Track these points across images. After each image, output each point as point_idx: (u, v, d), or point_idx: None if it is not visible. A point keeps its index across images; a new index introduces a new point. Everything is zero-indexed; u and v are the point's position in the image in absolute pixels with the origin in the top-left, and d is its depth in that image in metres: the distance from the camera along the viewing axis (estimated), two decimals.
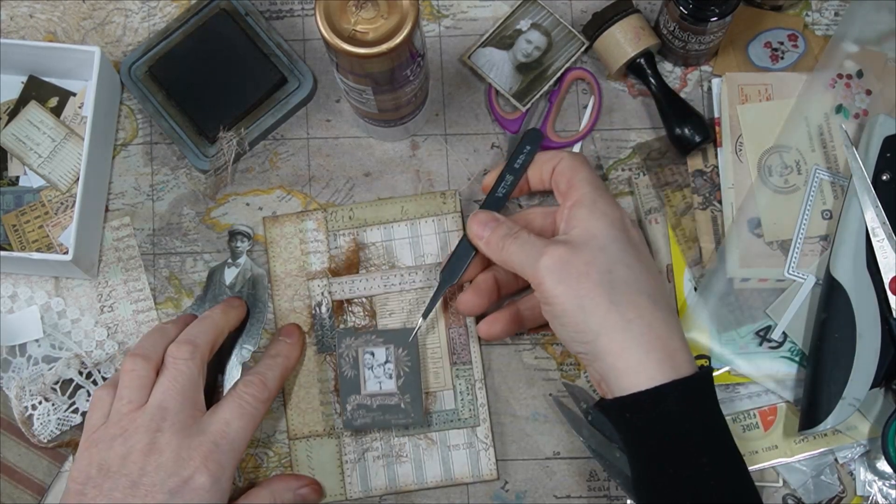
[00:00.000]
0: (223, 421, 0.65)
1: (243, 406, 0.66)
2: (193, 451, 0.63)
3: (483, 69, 0.78)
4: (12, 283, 0.77)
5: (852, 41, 0.77)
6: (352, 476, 0.74)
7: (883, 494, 0.73)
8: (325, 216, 0.77)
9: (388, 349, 0.74)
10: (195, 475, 0.62)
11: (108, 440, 0.63)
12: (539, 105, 0.78)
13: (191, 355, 0.66)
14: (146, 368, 0.66)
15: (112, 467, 0.62)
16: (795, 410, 0.73)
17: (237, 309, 0.73)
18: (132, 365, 0.66)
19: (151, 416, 0.63)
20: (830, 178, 0.75)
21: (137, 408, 0.64)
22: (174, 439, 0.63)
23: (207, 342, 0.68)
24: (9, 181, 0.77)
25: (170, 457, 0.62)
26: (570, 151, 0.68)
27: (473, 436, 0.74)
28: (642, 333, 0.60)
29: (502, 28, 0.78)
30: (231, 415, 0.65)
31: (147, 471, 0.62)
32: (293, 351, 0.73)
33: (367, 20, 0.62)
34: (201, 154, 0.77)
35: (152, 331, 0.70)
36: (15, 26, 0.81)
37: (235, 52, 0.77)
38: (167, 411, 0.64)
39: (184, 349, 0.66)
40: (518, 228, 0.66)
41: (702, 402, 0.62)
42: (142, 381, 0.65)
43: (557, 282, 0.62)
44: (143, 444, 0.62)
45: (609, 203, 0.65)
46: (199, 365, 0.66)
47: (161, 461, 0.62)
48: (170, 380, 0.65)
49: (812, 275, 0.74)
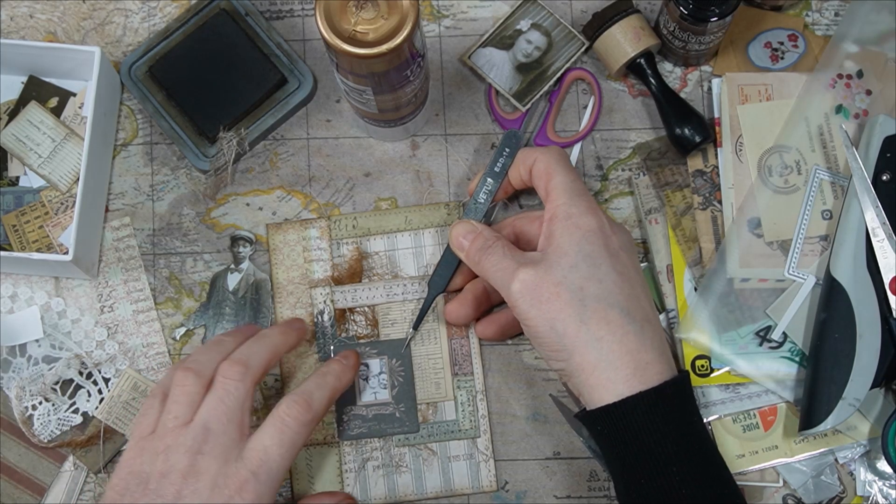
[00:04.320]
0: (262, 448, 0.63)
1: (284, 431, 0.63)
2: (230, 478, 0.61)
3: (483, 69, 0.78)
4: (12, 283, 0.77)
5: (852, 41, 0.77)
6: (351, 485, 0.74)
7: (883, 494, 0.73)
8: (329, 224, 0.77)
9: (382, 360, 0.74)
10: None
11: (153, 454, 0.62)
12: (539, 105, 0.78)
13: (241, 376, 0.64)
14: (196, 384, 0.64)
15: (150, 484, 0.61)
16: (795, 410, 0.73)
17: (297, 331, 0.71)
18: (183, 380, 0.64)
19: (194, 436, 0.62)
20: (830, 178, 0.75)
21: (183, 424, 0.63)
22: (213, 464, 0.61)
23: (261, 364, 0.66)
24: (9, 181, 0.77)
25: (206, 483, 0.61)
26: (545, 149, 0.67)
27: (474, 447, 0.74)
28: (612, 350, 0.61)
29: (502, 28, 0.78)
30: (271, 441, 0.63)
31: (183, 495, 0.61)
32: (346, 373, 0.70)
33: (367, 20, 0.62)
34: (201, 154, 0.77)
35: (209, 343, 0.68)
36: (15, 26, 0.81)
37: (235, 52, 0.77)
38: (210, 433, 0.62)
39: (235, 369, 0.64)
40: (493, 241, 0.65)
41: (671, 410, 0.61)
42: (190, 398, 0.64)
43: (529, 305, 0.62)
44: (182, 466, 0.61)
45: (584, 212, 0.63)
46: (250, 387, 0.64)
47: (197, 487, 0.61)
48: (217, 400, 0.63)
49: (812, 275, 0.74)
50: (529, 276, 0.62)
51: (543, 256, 0.63)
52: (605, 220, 0.64)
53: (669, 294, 0.75)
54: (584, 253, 0.62)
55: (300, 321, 0.73)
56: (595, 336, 0.61)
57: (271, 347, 0.67)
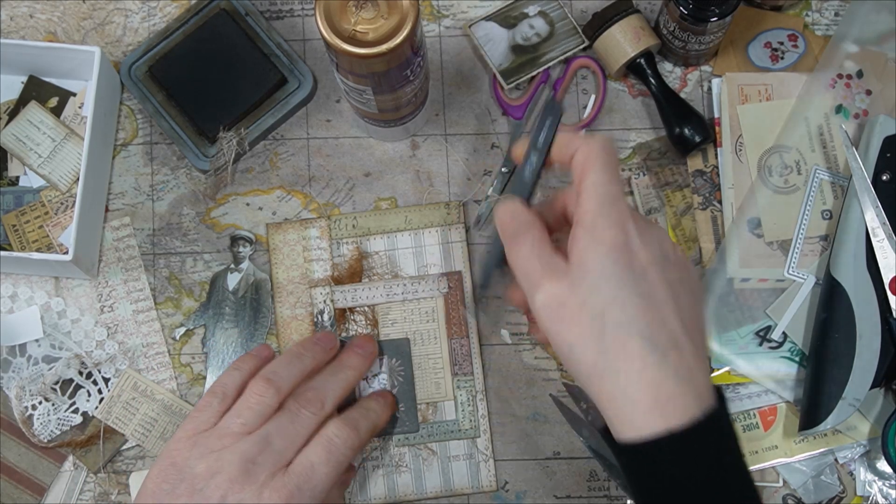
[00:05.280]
0: (309, 464, 0.63)
1: (332, 451, 0.64)
2: (276, 491, 0.61)
3: (480, 41, 0.78)
4: (12, 283, 0.77)
5: (852, 41, 0.77)
6: (351, 485, 0.74)
7: (883, 494, 0.73)
8: (329, 224, 0.77)
9: (382, 359, 0.74)
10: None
11: (205, 450, 0.62)
12: (544, 93, 0.79)
13: (317, 412, 0.65)
14: (274, 399, 0.64)
15: (197, 483, 0.61)
16: (795, 410, 0.73)
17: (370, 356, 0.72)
18: (263, 390, 0.65)
19: (254, 444, 0.62)
20: (830, 178, 0.75)
21: (248, 432, 0.63)
22: (263, 475, 0.62)
23: (335, 400, 0.67)
24: (9, 181, 0.77)
25: (252, 494, 0.61)
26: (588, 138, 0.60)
27: (474, 447, 0.74)
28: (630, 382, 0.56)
29: (510, 7, 0.78)
30: (318, 458, 0.63)
31: (228, 499, 0.61)
32: (385, 411, 0.71)
33: (367, 20, 0.62)
34: (201, 154, 0.77)
35: (291, 358, 0.68)
36: (15, 26, 0.81)
37: (235, 52, 0.77)
38: (270, 447, 0.63)
39: (314, 399, 0.65)
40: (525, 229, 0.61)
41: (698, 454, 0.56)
42: (264, 410, 0.64)
43: (550, 322, 0.58)
44: (234, 470, 0.61)
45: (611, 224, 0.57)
46: (324, 417, 0.65)
47: (244, 496, 0.61)
48: (287, 421, 0.64)
49: (812, 275, 0.74)
50: (554, 291, 0.58)
51: (568, 270, 0.58)
52: (634, 232, 0.57)
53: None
54: (607, 273, 0.57)
55: (371, 342, 0.73)
56: (613, 367, 0.56)
57: (347, 383, 0.69)
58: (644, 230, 0.58)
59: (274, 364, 0.67)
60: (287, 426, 0.64)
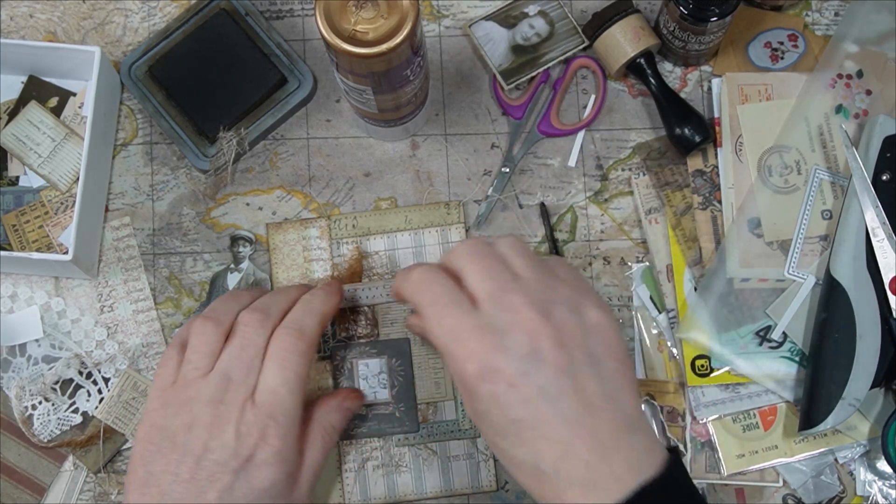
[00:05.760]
0: (270, 390, 0.62)
1: (285, 366, 0.63)
2: (252, 426, 0.61)
3: (480, 40, 0.78)
4: (12, 283, 0.77)
5: (852, 41, 0.77)
6: (351, 485, 0.74)
7: (883, 494, 0.73)
8: (329, 224, 0.77)
9: (382, 360, 0.74)
10: (256, 452, 0.61)
11: (176, 406, 0.62)
12: (543, 93, 0.79)
13: (260, 324, 0.64)
14: (216, 333, 0.64)
15: (177, 438, 0.61)
16: (795, 410, 0.73)
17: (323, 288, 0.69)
18: (202, 328, 0.64)
19: (215, 385, 0.62)
20: (830, 178, 0.75)
21: (203, 374, 0.63)
22: (235, 413, 0.61)
23: (280, 311, 0.65)
24: (9, 181, 0.77)
25: (231, 434, 0.61)
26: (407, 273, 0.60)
27: (474, 447, 0.74)
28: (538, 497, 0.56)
29: (510, 7, 0.78)
30: (275, 380, 0.62)
31: (211, 447, 0.61)
32: (331, 297, 0.68)
33: (367, 20, 0.62)
34: (201, 154, 0.77)
35: (226, 295, 0.68)
36: (15, 26, 0.81)
37: (235, 52, 0.77)
38: (230, 382, 0.62)
39: (256, 316, 0.64)
40: None
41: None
42: (210, 347, 0.63)
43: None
44: (206, 417, 0.61)
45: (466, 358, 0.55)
46: (269, 334, 0.64)
47: (224, 439, 0.61)
48: (237, 348, 0.63)
49: (812, 275, 0.74)
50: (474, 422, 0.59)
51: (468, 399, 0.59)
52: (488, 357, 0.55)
53: (669, 294, 0.75)
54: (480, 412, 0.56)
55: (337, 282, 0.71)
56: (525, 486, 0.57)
57: (289, 298, 0.67)
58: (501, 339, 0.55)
59: (212, 304, 0.67)
60: (238, 353, 0.63)
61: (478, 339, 0.55)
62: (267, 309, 0.65)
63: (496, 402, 0.54)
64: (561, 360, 0.54)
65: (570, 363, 0.54)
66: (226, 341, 0.64)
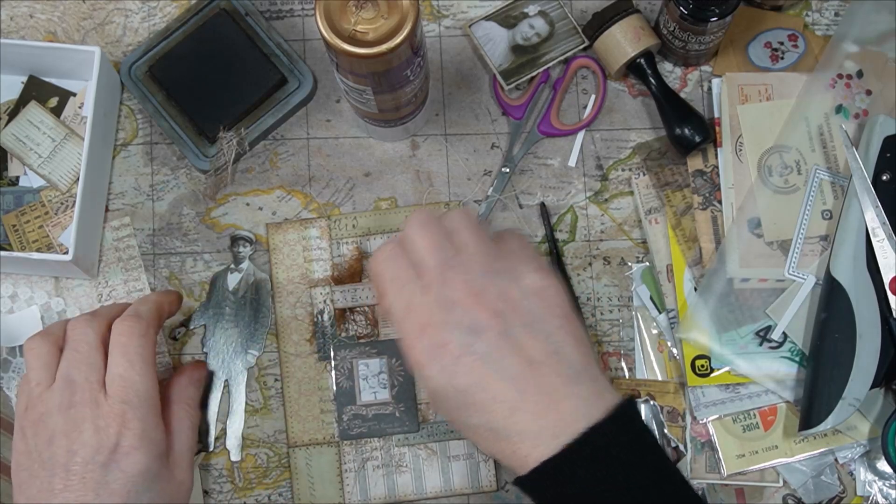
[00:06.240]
0: (118, 376, 0.63)
1: (127, 351, 0.64)
2: (109, 417, 0.62)
3: (480, 41, 0.78)
4: (12, 283, 0.77)
5: (852, 41, 0.77)
6: (351, 485, 0.74)
7: (883, 494, 0.73)
8: (329, 224, 0.77)
9: (382, 360, 0.74)
10: (120, 440, 0.62)
11: (33, 427, 0.63)
12: (543, 93, 0.79)
13: (87, 322, 0.65)
14: (46, 344, 0.65)
15: (43, 454, 0.62)
16: (795, 410, 0.73)
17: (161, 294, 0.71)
18: (31, 345, 0.65)
19: (61, 392, 0.63)
20: (830, 178, 0.75)
21: (47, 387, 0.64)
22: (88, 410, 0.62)
23: (109, 312, 0.67)
24: (9, 181, 0.77)
25: (90, 432, 0.62)
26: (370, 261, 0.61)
27: (473, 447, 0.74)
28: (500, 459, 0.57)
29: (510, 7, 0.78)
30: (120, 367, 0.64)
31: (74, 451, 0.61)
32: (167, 293, 0.71)
33: (367, 20, 0.62)
34: (201, 154, 0.77)
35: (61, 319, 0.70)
36: (15, 26, 0.81)
37: (235, 52, 0.77)
38: (74, 384, 0.63)
39: (81, 320, 0.66)
40: None
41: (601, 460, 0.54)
42: (44, 360, 0.64)
43: None
44: (62, 425, 0.62)
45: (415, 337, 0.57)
46: (98, 329, 0.65)
47: (84, 439, 0.62)
48: (71, 351, 0.64)
49: (812, 275, 0.73)
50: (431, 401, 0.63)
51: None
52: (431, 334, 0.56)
53: (669, 294, 0.75)
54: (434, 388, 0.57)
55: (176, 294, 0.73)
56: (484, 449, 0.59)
57: (117, 305, 0.69)
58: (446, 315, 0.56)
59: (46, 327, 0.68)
60: (73, 355, 0.64)
61: (427, 316, 0.57)
62: (93, 312, 0.67)
63: (446, 375, 0.56)
64: (498, 325, 0.56)
65: (508, 327, 0.56)
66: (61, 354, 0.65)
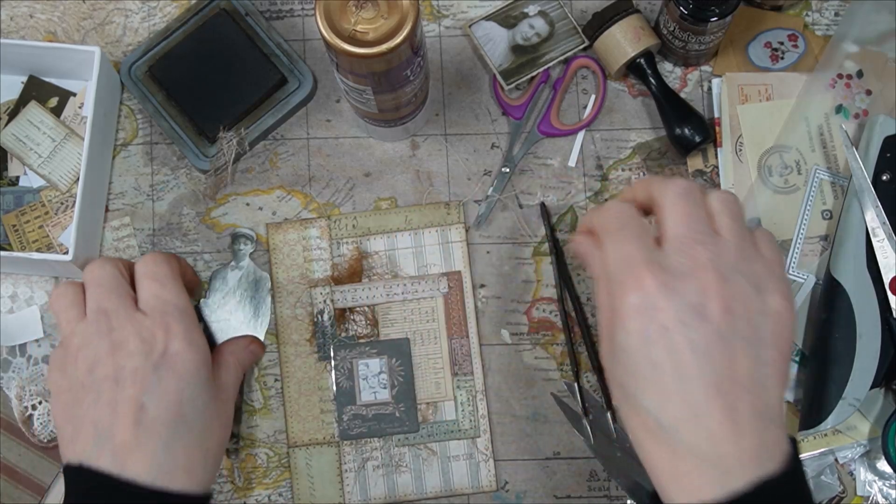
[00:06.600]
0: (153, 297, 0.63)
1: (157, 277, 0.64)
2: (152, 328, 0.61)
3: (480, 41, 0.78)
4: (12, 283, 0.77)
5: (852, 41, 0.77)
6: (351, 485, 0.74)
7: (883, 494, 0.73)
8: (329, 224, 0.77)
9: (382, 360, 0.74)
10: (168, 344, 0.61)
11: (72, 360, 0.62)
12: (543, 93, 0.79)
13: (104, 262, 0.64)
14: (70, 287, 0.64)
15: (86, 380, 0.61)
16: (795, 410, 0.73)
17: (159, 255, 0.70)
18: (55, 293, 0.64)
19: (96, 322, 0.62)
20: (830, 178, 0.75)
21: (79, 321, 0.63)
22: (130, 327, 0.61)
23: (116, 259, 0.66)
24: (9, 181, 0.77)
25: (136, 343, 0.61)
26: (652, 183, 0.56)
27: (474, 447, 0.74)
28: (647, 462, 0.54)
29: (510, 7, 0.78)
30: (154, 289, 0.63)
31: (122, 364, 0.60)
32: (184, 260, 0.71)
33: (367, 20, 0.62)
34: (201, 154, 0.77)
35: None
36: (15, 26, 0.81)
37: (235, 52, 0.77)
38: (108, 312, 0.62)
39: (96, 262, 0.65)
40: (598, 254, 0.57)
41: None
42: (70, 299, 0.63)
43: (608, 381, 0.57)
44: (104, 349, 0.61)
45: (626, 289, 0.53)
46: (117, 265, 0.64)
47: (130, 349, 0.60)
48: (96, 286, 0.63)
49: (812, 275, 0.74)
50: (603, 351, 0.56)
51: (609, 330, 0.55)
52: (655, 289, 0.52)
53: None
54: (620, 343, 0.53)
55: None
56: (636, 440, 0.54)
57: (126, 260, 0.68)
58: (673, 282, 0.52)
59: None
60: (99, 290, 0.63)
61: (650, 273, 0.52)
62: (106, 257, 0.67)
63: (643, 339, 0.51)
64: (723, 324, 0.51)
65: (732, 332, 0.51)
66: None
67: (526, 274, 0.77)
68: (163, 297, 0.63)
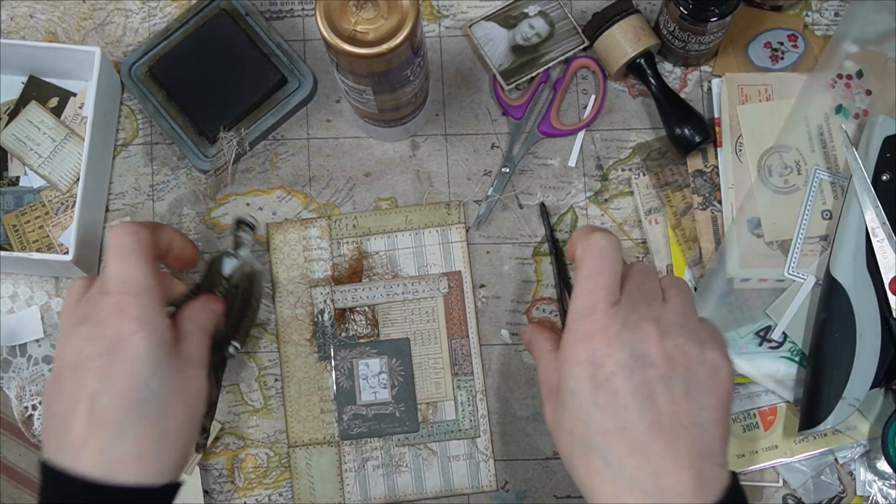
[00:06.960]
0: (114, 274, 0.63)
1: (122, 250, 0.63)
2: (109, 311, 0.61)
3: (480, 41, 0.78)
4: (12, 283, 0.77)
5: (852, 41, 0.77)
6: (351, 485, 0.74)
7: (883, 494, 0.73)
8: (329, 224, 0.77)
9: (382, 360, 0.74)
10: (122, 329, 0.60)
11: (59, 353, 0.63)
12: (543, 93, 0.79)
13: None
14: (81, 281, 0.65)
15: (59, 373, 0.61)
16: (795, 410, 0.73)
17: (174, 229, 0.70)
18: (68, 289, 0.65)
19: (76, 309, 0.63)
20: (830, 178, 0.75)
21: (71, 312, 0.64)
22: (91, 311, 0.62)
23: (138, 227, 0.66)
24: (9, 181, 0.77)
25: (92, 328, 0.61)
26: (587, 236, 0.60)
27: (474, 447, 0.74)
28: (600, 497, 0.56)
29: (510, 7, 0.78)
30: (115, 266, 0.63)
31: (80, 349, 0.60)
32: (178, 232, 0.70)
33: (367, 20, 0.62)
34: (201, 154, 0.77)
35: None
36: (15, 26, 0.81)
37: (235, 52, 0.77)
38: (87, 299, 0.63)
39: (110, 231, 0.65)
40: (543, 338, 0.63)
41: None
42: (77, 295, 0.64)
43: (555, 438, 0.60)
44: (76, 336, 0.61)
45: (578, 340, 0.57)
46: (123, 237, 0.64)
47: (88, 334, 0.61)
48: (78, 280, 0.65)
49: (812, 275, 0.74)
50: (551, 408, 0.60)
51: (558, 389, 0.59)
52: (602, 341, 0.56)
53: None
54: (570, 390, 0.57)
55: None
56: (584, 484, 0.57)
57: None
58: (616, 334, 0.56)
59: None
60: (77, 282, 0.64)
61: (603, 323, 0.56)
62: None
63: (590, 383, 0.55)
64: (664, 369, 0.55)
65: (672, 378, 0.56)
66: None
67: (526, 274, 0.77)
68: (122, 274, 0.62)
